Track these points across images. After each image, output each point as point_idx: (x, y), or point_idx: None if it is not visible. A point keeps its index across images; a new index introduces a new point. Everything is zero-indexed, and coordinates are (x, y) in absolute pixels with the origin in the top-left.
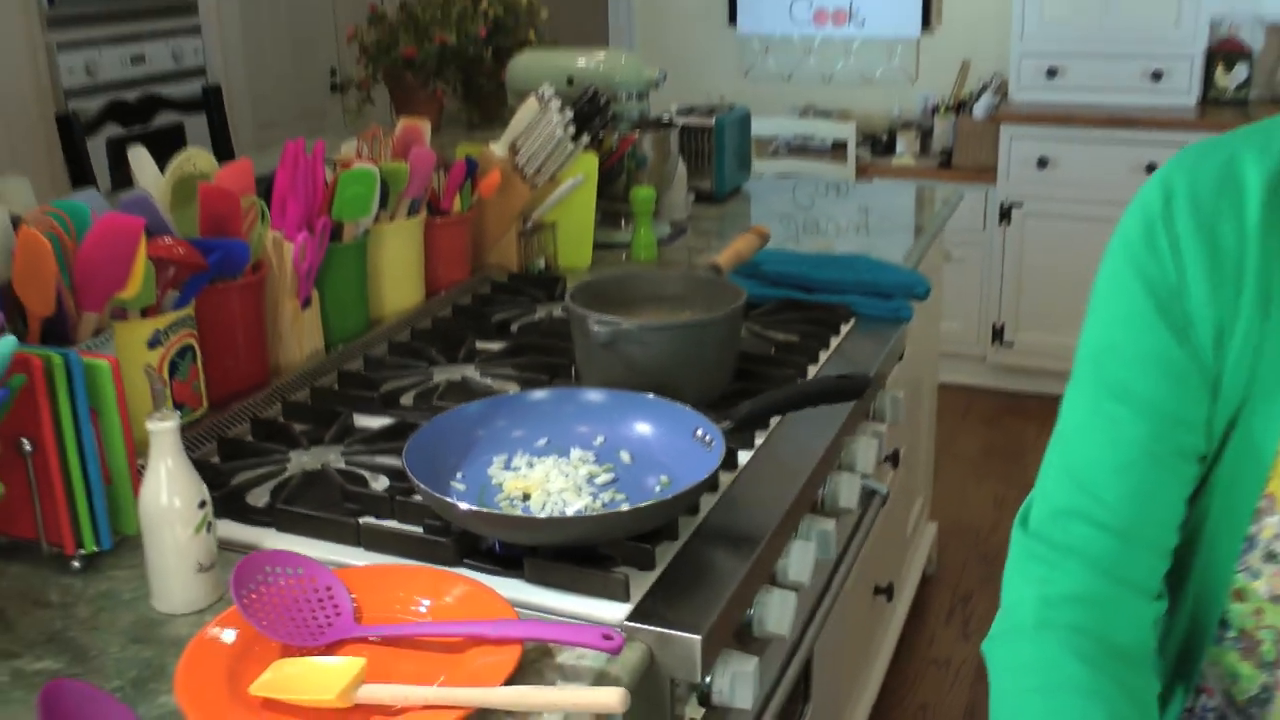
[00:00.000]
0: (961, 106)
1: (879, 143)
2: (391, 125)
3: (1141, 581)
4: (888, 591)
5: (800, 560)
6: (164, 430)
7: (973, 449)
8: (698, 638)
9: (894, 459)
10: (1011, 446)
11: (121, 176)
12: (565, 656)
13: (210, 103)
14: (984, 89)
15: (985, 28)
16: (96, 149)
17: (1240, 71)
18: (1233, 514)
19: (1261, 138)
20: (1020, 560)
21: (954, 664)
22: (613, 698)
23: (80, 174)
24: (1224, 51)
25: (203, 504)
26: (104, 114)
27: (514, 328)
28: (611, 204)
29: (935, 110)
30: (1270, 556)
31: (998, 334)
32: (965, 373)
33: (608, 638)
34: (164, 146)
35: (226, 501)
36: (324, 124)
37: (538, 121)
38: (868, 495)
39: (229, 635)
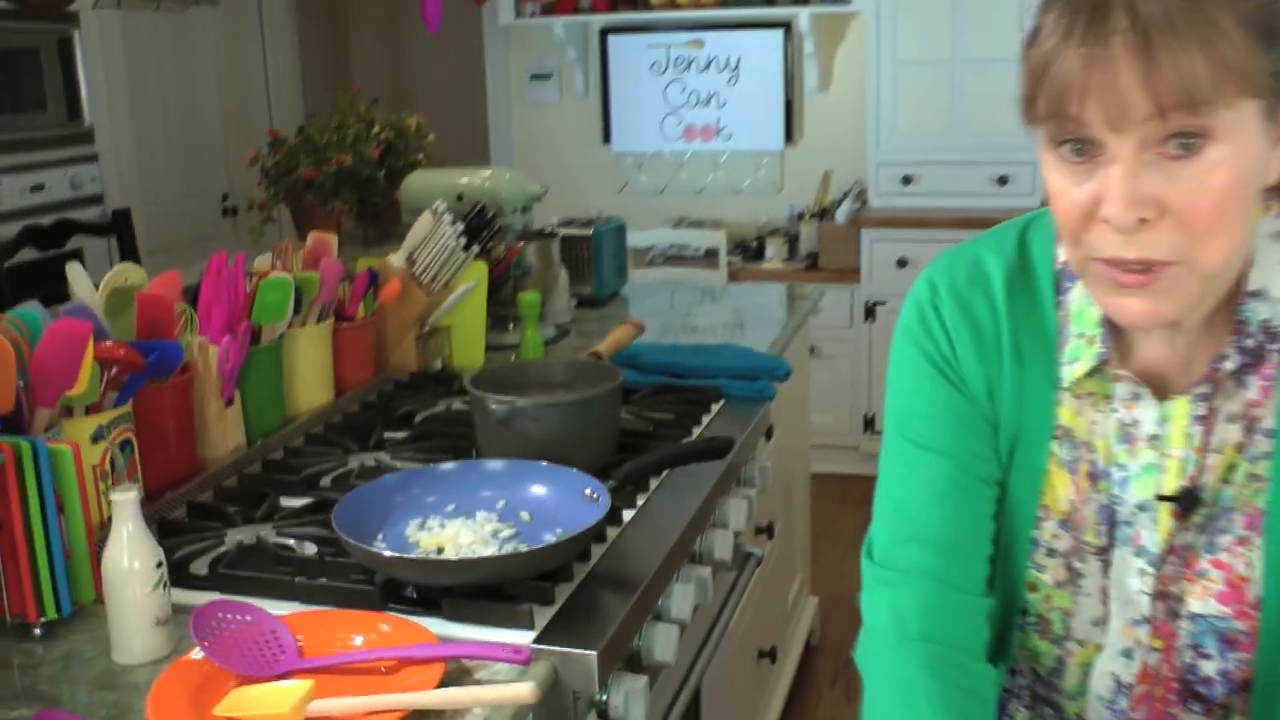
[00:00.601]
0: (825, 213)
1: (749, 249)
2: (293, 243)
3: (969, 585)
4: (771, 655)
5: (681, 600)
6: (126, 500)
7: (850, 530)
8: (594, 653)
9: (769, 530)
10: None
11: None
12: (481, 674)
13: (120, 226)
14: (844, 196)
15: (844, 140)
16: None
17: None
18: (1020, 523)
19: (997, 240)
20: (872, 585)
21: None
22: (525, 691)
23: None
24: None
25: (159, 564)
26: (21, 239)
27: (417, 418)
28: (500, 309)
29: (800, 217)
30: (1051, 552)
31: (869, 424)
32: (840, 462)
33: (516, 652)
34: (45, 274)
35: (171, 572)
36: (216, 248)
37: (432, 234)
38: (744, 556)
39: (195, 660)
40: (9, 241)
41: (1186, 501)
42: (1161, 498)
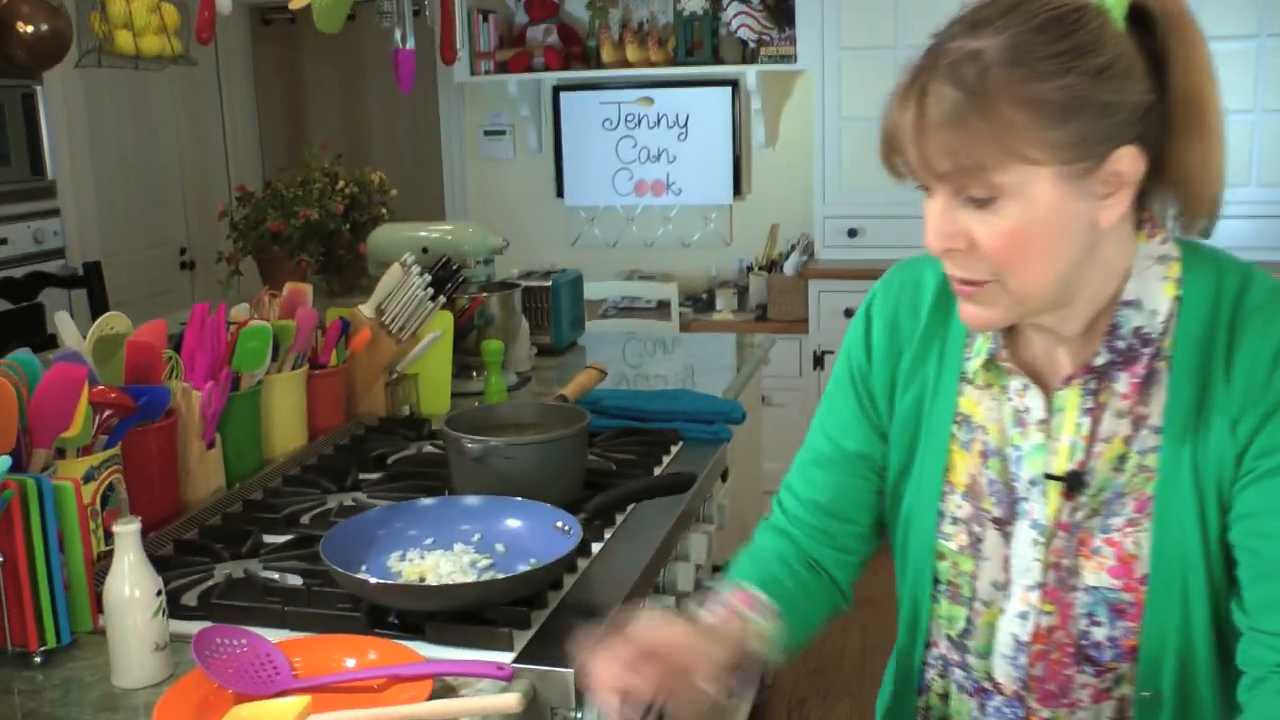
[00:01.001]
0: (773, 265)
1: (700, 301)
2: (270, 293)
3: (833, 542)
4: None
5: None
6: (128, 532)
7: None
8: (571, 671)
9: (725, 569)
10: None
11: None
12: (466, 692)
13: (91, 279)
14: (792, 249)
15: (791, 195)
16: None
17: None
18: (927, 498)
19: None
20: (770, 512)
21: None
22: (512, 700)
23: None
24: None
25: (159, 593)
26: None
27: (390, 460)
28: (464, 357)
29: (749, 269)
30: (955, 521)
31: None
32: None
33: (500, 668)
34: (18, 324)
35: None
36: (175, 301)
37: (401, 285)
38: (705, 591)
39: (195, 681)
40: None
41: (1071, 482)
42: (1049, 476)
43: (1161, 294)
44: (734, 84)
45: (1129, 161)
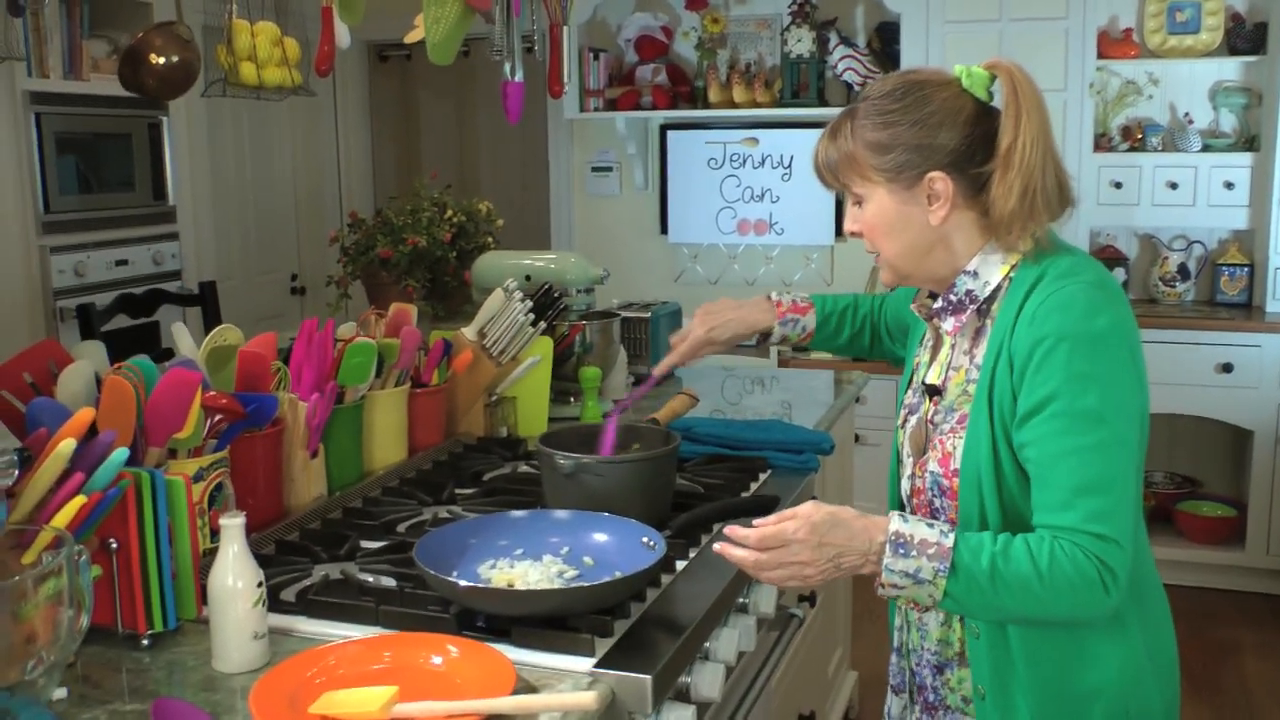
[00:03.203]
0: None
1: None
2: (376, 313)
3: (885, 318)
4: (810, 718)
5: (727, 643)
6: (234, 525)
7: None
8: (648, 677)
9: (811, 599)
10: None
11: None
12: (546, 691)
13: (206, 297)
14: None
15: None
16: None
17: (1118, 274)
18: (902, 389)
19: None
20: None
21: None
22: (589, 698)
23: None
24: (1103, 257)
25: (260, 584)
26: (116, 306)
27: (486, 477)
28: (562, 383)
29: None
30: (905, 406)
31: None
32: None
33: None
34: (134, 340)
35: None
36: (283, 325)
37: (503, 310)
38: (787, 617)
39: (290, 667)
40: (106, 307)
41: (931, 391)
42: (924, 384)
43: (997, 273)
44: None
45: (940, 183)
